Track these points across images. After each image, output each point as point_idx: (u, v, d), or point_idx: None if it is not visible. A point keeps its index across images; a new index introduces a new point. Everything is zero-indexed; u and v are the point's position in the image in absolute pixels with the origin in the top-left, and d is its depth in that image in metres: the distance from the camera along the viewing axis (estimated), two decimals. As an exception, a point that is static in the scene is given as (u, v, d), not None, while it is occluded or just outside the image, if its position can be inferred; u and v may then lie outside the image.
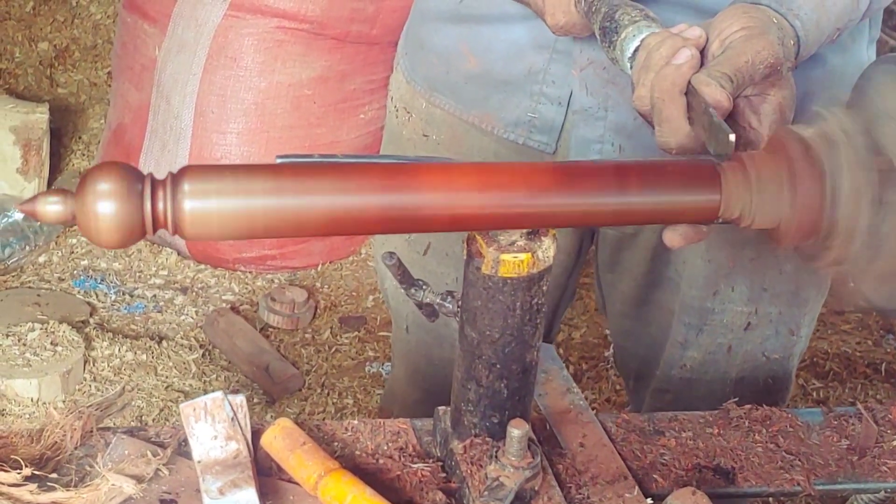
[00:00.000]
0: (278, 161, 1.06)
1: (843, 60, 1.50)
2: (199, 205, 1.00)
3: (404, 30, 1.72)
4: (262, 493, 1.16)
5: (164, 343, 3.08)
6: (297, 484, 1.19)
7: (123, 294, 3.30)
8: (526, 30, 1.49)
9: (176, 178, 1.00)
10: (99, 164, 1.00)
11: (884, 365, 3.15)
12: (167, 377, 2.97)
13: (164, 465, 1.19)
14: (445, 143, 1.63)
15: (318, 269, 3.50)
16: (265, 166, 1.04)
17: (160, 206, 0.99)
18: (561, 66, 1.50)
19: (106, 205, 0.97)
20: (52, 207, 0.99)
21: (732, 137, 1.07)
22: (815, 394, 3.05)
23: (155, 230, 1.00)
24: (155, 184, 1.00)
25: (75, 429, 1.21)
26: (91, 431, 1.23)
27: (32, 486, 1.13)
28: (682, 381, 1.71)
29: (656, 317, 1.70)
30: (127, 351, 3.01)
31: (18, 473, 1.13)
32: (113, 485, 1.14)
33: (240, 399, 1.21)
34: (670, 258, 1.63)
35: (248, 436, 1.21)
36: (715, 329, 1.66)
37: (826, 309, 3.28)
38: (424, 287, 1.20)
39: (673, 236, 1.16)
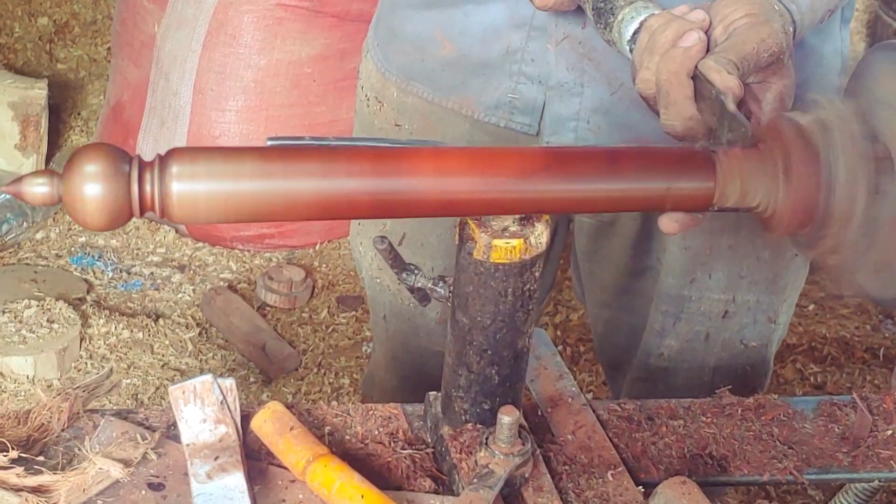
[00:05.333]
0: (268, 143, 1.05)
1: (820, 40, 1.49)
2: (187, 187, 0.99)
3: (374, 19, 1.67)
4: (251, 478, 1.16)
5: (161, 321, 3.08)
6: (286, 469, 1.18)
7: (121, 271, 3.29)
8: (501, 9, 1.45)
9: (164, 160, 0.99)
10: (86, 146, 1.00)
11: (882, 350, 3.14)
12: (163, 355, 2.96)
13: (152, 448, 1.19)
14: (418, 132, 1.59)
15: (317, 248, 3.48)
16: (254, 149, 1.03)
17: (147, 188, 0.98)
18: (539, 44, 1.45)
19: (93, 186, 0.97)
20: (39, 189, 0.98)
21: (749, 129, 1.06)
22: (812, 378, 3.04)
23: (142, 213, 0.99)
24: (142, 165, 0.99)
25: (62, 410, 1.20)
26: (78, 413, 1.22)
27: (19, 469, 1.12)
28: (659, 369, 1.70)
29: (637, 305, 1.68)
30: (123, 329, 3.00)
31: (5, 456, 1.12)
32: (100, 468, 1.13)
33: (229, 382, 1.20)
34: (651, 247, 1.62)
35: (238, 419, 1.20)
36: (692, 317, 1.64)
37: (825, 293, 3.29)
38: (416, 271, 1.19)
39: (669, 223, 1.15)
